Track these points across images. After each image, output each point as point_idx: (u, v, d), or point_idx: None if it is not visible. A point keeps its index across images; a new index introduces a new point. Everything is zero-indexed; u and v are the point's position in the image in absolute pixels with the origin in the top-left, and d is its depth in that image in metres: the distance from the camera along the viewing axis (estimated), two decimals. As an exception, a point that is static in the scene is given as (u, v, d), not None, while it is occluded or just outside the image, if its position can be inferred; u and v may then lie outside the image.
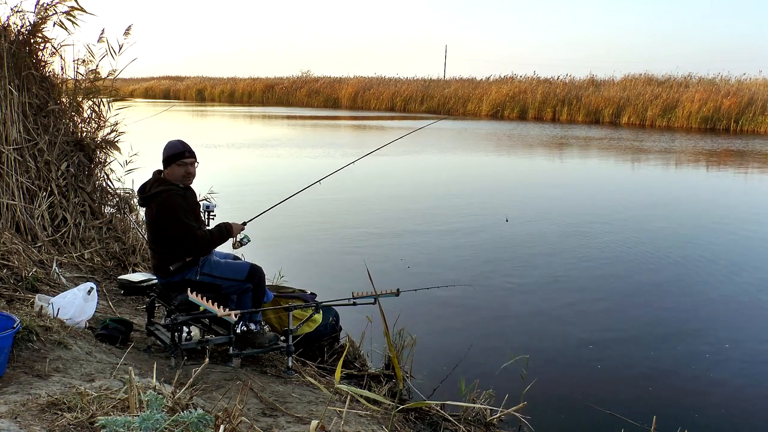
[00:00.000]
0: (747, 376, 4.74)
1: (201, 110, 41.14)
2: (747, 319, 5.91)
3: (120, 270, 5.59)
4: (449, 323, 5.64)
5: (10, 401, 2.51)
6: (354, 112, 39.91)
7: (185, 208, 3.71)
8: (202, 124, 30.83)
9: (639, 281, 6.92)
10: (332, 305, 4.14)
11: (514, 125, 30.62)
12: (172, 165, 3.77)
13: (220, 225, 3.89)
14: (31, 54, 5.73)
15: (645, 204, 11.51)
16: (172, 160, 3.77)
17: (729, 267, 7.44)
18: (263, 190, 11.44)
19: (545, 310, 6.01)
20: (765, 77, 33.21)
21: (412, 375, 4.43)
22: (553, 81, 38.56)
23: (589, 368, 4.79)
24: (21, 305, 3.90)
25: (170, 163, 3.78)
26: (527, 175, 15.42)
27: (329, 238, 8.55)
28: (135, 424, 1.99)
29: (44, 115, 5.79)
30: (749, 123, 28.75)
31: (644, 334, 5.45)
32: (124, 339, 3.87)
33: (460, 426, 3.64)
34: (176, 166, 3.77)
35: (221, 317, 3.36)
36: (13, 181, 5.37)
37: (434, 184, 13.73)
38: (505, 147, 21.30)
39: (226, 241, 3.90)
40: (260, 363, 3.93)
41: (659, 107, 31.37)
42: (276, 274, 5.51)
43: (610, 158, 18.47)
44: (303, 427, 2.93)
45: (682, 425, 3.62)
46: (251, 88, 52.84)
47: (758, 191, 13.80)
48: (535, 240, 8.59)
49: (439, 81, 45.57)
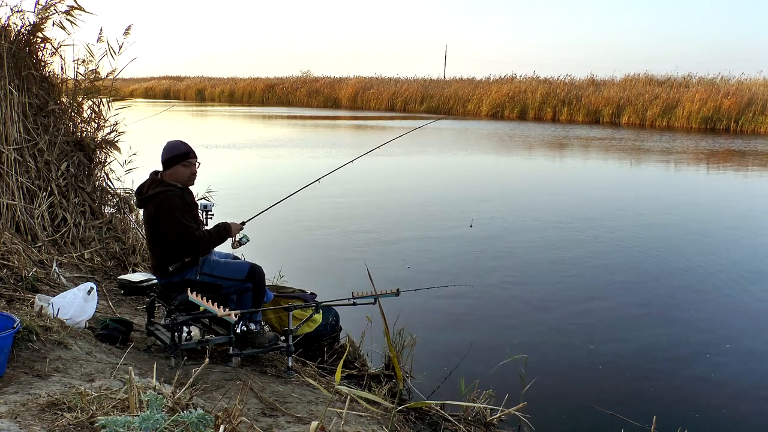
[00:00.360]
0: (747, 376, 4.74)
1: (201, 110, 41.15)
2: (747, 319, 5.91)
3: (120, 270, 5.59)
4: (449, 323, 5.64)
5: (10, 401, 2.51)
6: (354, 112, 39.92)
7: (183, 208, 3.69)
8: (202, 124, 30.84)
9: (639, 281, 6.92)
10: (332, 305, 4.14)
11: (515, 125, 30.62)
12: (176, 165, 3.75)
13: (219, 225, 3.87)
14: (31, 54, 5.73)
15: (645, 204, 11.50)
16: (177, 160, 3.75)
17: (729, 267, 7.44)
18: (263, 189, 11.45)
19: (545, 310, 6.00)
20: (765, 77, 33.25)
21: (412, 375, 4.43)
22: (553, 81, 38.58)
23: (589, 368, 4.79)
24: (21, 305, 3.90)
25: (175, 164, 3.75)
26: (528, 175, 15.42)
27: (329, 238, 8.55)
28: (135, 424, 1.99)
29: (44, 115, 5.79)
30: (749, 123, 28.74)
31: (644, 334, 5.45)
32: (124, 339, 3.87)
33: (460, 426, 3.64)
34: (182, 167, 3.76)
35: (221, 317, 3.36)
36: (13, 181, 5.37)
37: (434, 184, 13.73)
38: (505, 147, 21.30)
39: (225, 241, 3.89)
40: (260, 363, 3.93)
41: (659, 107, 31.37)
42: (276, 274, 5.51)
43: (611, 158, 18.47)
44: (303, 427, 2.93)
45: (682, 425, 3.62)
46: (251, 88, 52.84)
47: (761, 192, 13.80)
48: (535, 240, 8.59)
49: (439, 81, 45.58)
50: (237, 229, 3.96)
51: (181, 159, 3.75)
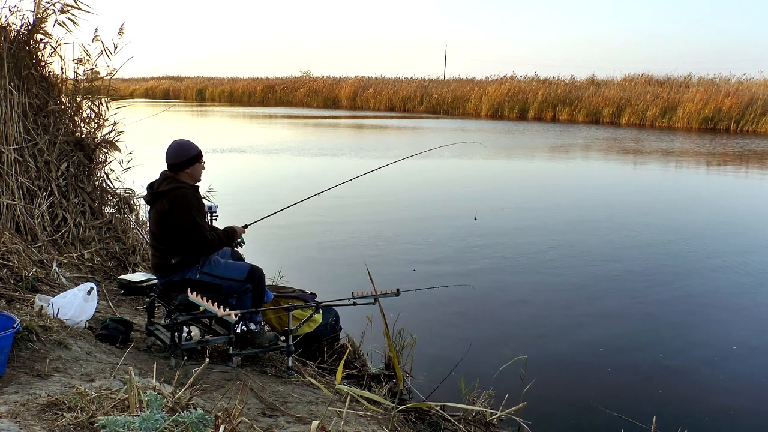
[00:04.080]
0: (748, 376, 4.74)
1: (201, 110, 41.14)
2: (748, 319, 5.91)
3: (120, 270, 5.59)
4: (449, 323, 5.64)
5: (10, 401, 2.51)
6: (354, 112, 39.90)
7: (198, 207, 3.76)
8: (202, 124, 30.83)
9: (639, 281, 6.91)
10: (332, 305, 4.14)
11: (515, 125, 30.61)
12: (195, 164, 3.81)
13: (228, 229, 3.98)
14: (31, 54, 5.73)
15: (645, 205, 11.51)
16: (196, 159, 3.81)
17: (730, 267, 7.44)
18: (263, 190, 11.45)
19: (545, 310, 6.00)
20: (765, 77, 33.22)
21: (412, 375, 4.43)
22: (553, 81, 38.57)
23: (589, 368, 4.79)
24: (21, 305, 3.89)
25: (193, 163, 3.80)
26: (527, 175, 15.41)
27: (329, 238, 8.55)
28: (135, 424, 1.99)
29: (44, 115, 5.79)
30: (750, 124, 28.72)
31: (644, 334, 5.45)
32: (124, 339, 3.87)
33: (460, 426, 3.63)
34: (199, 165, 3.84)
35: (221, 317, 3.36)
36: (13, 181, 5.37)
37: (434, 184, 13.73)
38: (505, 147, 21.29)
39: (230, 244, 4.02)
40: (260, 363, 3.93)
41: (659, 107, 31.36)
42: (276, 274, 5.52)
43: (610, 159, 18.46)
44: (303, 427, 2.93)
45: (682, 425, 3.61)
46: (251, 88, 52.85)
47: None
48: (535, 240, 8.59)
49: (439, 81, 45.57)
50: (240, 233, 4.08)
51: (199, 158, 3.84)
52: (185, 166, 3.78)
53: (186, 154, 3.78)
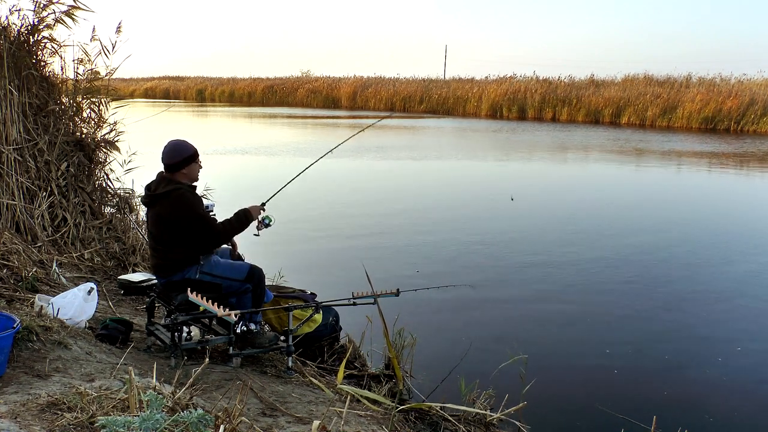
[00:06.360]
0: (748, 376, 4.74)
1: (201, 110, 41.12)
2: (748, 319, 5.91)
3: (120, 270, 5.59)
4: (449, 323, 5.64)
5: (10, 401, 2.51)
6: (353, 112, 39.88)
7: (199, 204, 3.77)
8: (202, 124, 30.82)
9: (639, 282, 6.91)
10: (332, 305, 4.14)
11: (515, 125, 30.60)
12: (191, 164, 3.81)
13: (239, 212, 3.90)
14: (31, 54, 5.73)
15: (646, 205, 11.50)
16: (192, 159, 3.81)
17: (731, 267, 7.44)
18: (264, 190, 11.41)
19: (545, 311, 6.01)
20: (766, 77, 33.18)
21: (412, 375, 4.43)
22: (553, 81, 38.54)
23: (590, 368, 4.79)
24: (21, 305, 3.89)
25: (189, 163, 3.80)
26: (528, 175, 15.41)
27: (329, 238, 8.55)
28: (135, 424, 1.99)
29: (44, 115, 5.79)
30: (751, 124, 28.70)
31: (644, 334, 5.45)
32: (124, 339, 3.87)
33: (460, 426, 3.63)
34: (195, 165, 3.84)
35: (221, 317, 3.36)
36: (13, 181, 5.37)
37: (434, 184, 13.72)
38: (504, 148, 21.29)
39: (247, 226, 3.90)
40: (260, 363, 3.93)
41: (660, 107, 31.34)
42: (276, 274, 5.52)
43: (608, 159, 18.45)
44: (303, 427, 2.93)
45: (682, 425, 3.61)
46: (251, 88, 52.82)
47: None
48: (535, 241, 8.59)
49: (439, 81, 45.54)
50: (257, 212, 3.97)
51: (195, 157, 3.83)
52: (181, 167, 3.78)
53: (181, 155, 3.77)
